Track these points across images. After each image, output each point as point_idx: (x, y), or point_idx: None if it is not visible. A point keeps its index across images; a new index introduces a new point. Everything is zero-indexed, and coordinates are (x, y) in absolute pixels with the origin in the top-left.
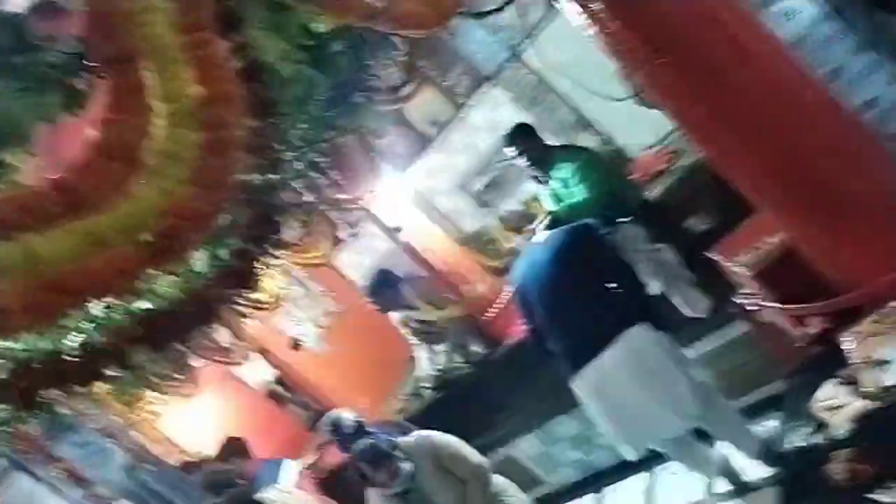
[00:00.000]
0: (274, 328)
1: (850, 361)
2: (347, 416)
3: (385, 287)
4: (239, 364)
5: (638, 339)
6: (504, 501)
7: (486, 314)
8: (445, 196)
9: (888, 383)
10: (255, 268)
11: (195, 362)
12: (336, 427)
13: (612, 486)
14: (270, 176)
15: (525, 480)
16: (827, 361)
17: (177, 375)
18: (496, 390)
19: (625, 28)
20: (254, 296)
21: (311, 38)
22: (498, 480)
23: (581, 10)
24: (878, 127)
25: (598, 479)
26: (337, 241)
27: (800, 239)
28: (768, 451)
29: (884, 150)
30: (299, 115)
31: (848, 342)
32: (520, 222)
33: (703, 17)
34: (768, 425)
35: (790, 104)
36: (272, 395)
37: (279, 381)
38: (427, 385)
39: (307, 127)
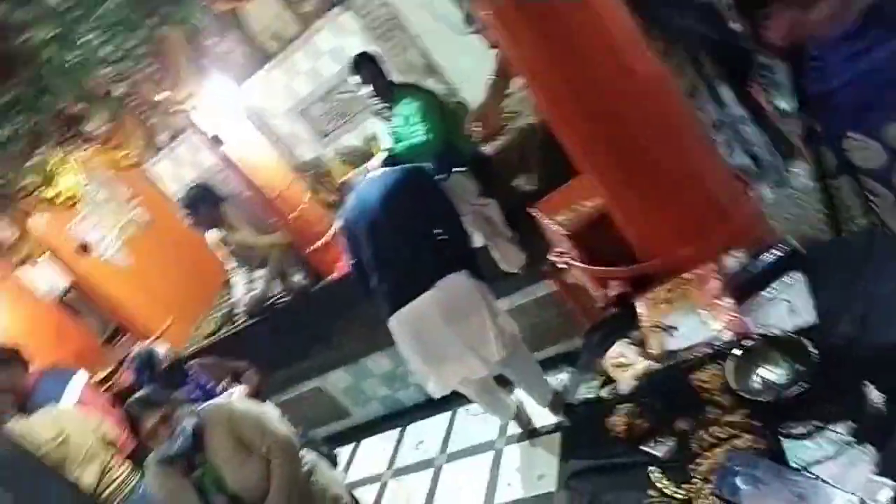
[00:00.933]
0: (70, 232)
1: (641, 324)
2: (161, 351)
3: (203, 202)
4: (22, 264)
5: (456, 285)
6: (317, 482)
7: (311, 246)
8: (282, 119)
9: (671, 348)
10: None
11: None
12: (148, 362)
13: (414, 423)
14: None
15: (333, 412)
16: (621, 322)
17: None
18: (313, 323)
19: None
20: (47, 192)
21: None
22: (310, 458)
23: None
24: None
25: (402, 416)
26: (153, 146)
27: (613, 206)
28: (558, 401)
29: (703, 138)
30: None
31: (641, 306)
32: (357, 158)
33: None
34: (561, 378)
35: (624, 69)
36: (64, 304)
37: (74, 289)
38: (241, 311)
39: (124, 5)
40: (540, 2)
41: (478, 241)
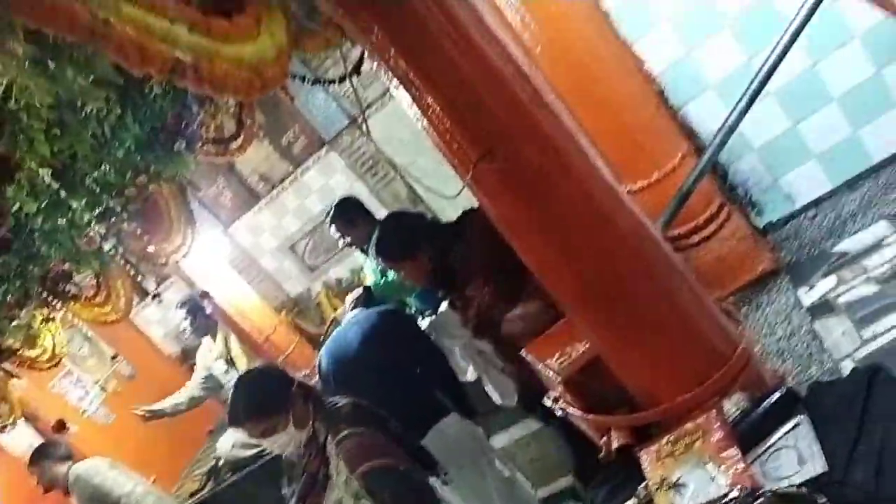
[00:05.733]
0: (50, 391)
1: (647, 481)
2: None
3: (201, 308)
4: (1, 430)
5: (450, 431)
6: None
7: None
8: (270, 256)
9: None
10: None
11: None
12: None
13: None
14: None
15: None
16: (625, 477)
17: None
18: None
19: (455, 127)
20: (28, 353)
21: (123, 76)
22: None
23: (412, 101)
24: None
25: None
26: (139, 297)
27: (606, 354)
28: None
29: (687, 277)
30: (101, 157)
31: (645, 461)
32: (345, 290)
33: (529, 125)
34: None
35: (604, 220)
36: None
37: None
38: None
39: (109, 169)
40: (520, 161)
41: (470, 374)
